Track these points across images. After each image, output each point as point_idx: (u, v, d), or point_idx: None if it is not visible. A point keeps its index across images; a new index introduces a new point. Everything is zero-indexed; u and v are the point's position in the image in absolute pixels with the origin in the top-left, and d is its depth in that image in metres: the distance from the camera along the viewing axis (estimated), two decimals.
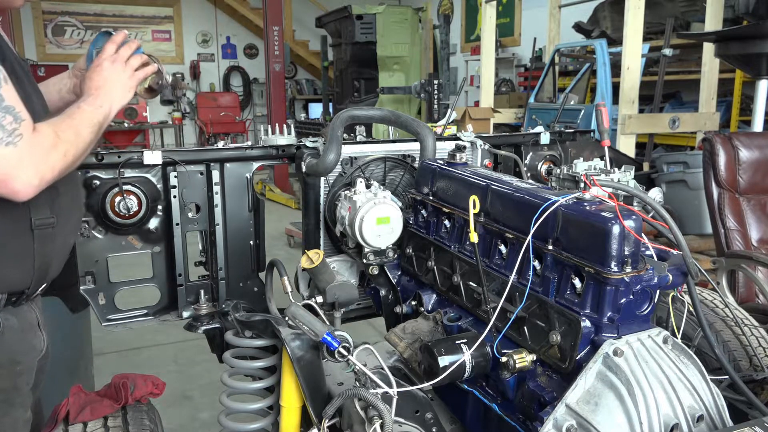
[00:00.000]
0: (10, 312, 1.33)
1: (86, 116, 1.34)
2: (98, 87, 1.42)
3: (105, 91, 1.43)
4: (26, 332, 1.38)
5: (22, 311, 1.37)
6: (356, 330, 3.51)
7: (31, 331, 1.41)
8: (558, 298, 1.26)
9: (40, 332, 1.44)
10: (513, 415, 1.34)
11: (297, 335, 1.47)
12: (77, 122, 1.32)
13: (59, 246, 1.41)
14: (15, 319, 1.34)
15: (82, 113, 1.34)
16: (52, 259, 1.39)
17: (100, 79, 1.44)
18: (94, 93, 1.41)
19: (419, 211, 1.80)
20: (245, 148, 1.95)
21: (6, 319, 1.32)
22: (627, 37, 4.85)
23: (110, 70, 1.46)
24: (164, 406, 2.29)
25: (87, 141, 1.32)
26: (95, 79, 1.44)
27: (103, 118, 1.38)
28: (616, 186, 1.35)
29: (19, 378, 1.36)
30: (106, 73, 1.46)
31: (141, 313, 1.92)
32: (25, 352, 1.38)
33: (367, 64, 8.30)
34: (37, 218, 1.31)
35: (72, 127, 1.29)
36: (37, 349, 1.42)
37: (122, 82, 1.47)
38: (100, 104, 1.39)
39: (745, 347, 1.85)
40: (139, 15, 12.57)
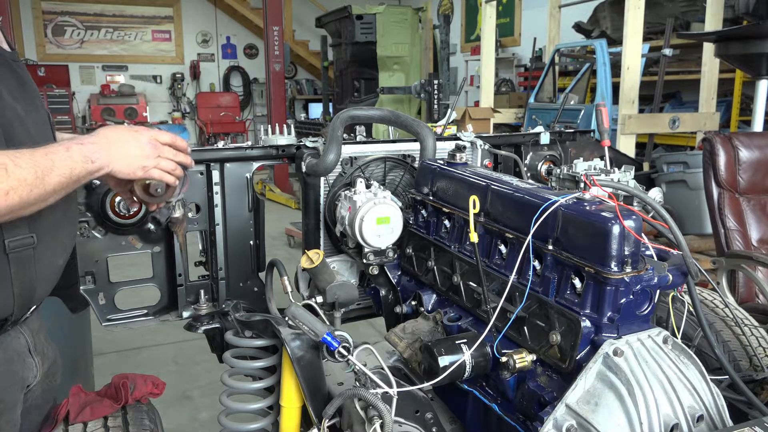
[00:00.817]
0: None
1: (65, 162, 1.11)
2: (106, 142, 1.22)
3: (110, 149, 1.22)
4: (12, 363, 1.22)
5: (7, 340, 1.21)
6: (356, 330, 3.51)
7: (18, 361, 1.24)
8: (558, 298, 1.26)
9: (31, 359, 1.28)
10: (513, 415, 1.34)
11: (297, 335, 1.47)
12: (47, 163, 1.08)
13: (45, 267, 1.22)
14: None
15: (62, 156, 1.11)
16: (35, 283, 1.21)
17: (114, 135, 1.24)
18: (96, 143, 1.19)
19: (419, 211, 1.80)
20: (245, 148, 1.95)
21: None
22: (627, 37, 4.85)
23: (133, 137, 1.27)
24: (164, 406, 2.29)
25: (49, 190, 1.08)
26: (109, 134, 1.24)
27: (84, 173, 1.15)
28: (616, 186, 1.35)
29: (1, 417, 1.20)
30: (127, 135, 1.26)
31: (141, 313, 1.92)
32: (7, 388, 1.21)
33: (367, 64, 8.30)
34: (11, 239, 1.12)
35: (36, 166, 1.05)
36: (28, 378, 1.27)
37: (137, 155, 1.26)
38: (92, 158, 1.17)
39: (745, 347, 1.85)
40: (139, 15, 12.57)
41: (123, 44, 12.57)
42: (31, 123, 1.20)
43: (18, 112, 1.16)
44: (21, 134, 1.16)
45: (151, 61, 12.79)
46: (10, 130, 1.13)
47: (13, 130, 1.14)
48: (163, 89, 12.92)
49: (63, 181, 1.11)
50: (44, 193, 1.08)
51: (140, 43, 12.69)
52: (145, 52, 12.73)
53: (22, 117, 1.17)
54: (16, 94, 1.18)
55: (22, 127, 1.17)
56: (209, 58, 13.27)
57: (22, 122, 1.17)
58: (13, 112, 1.15)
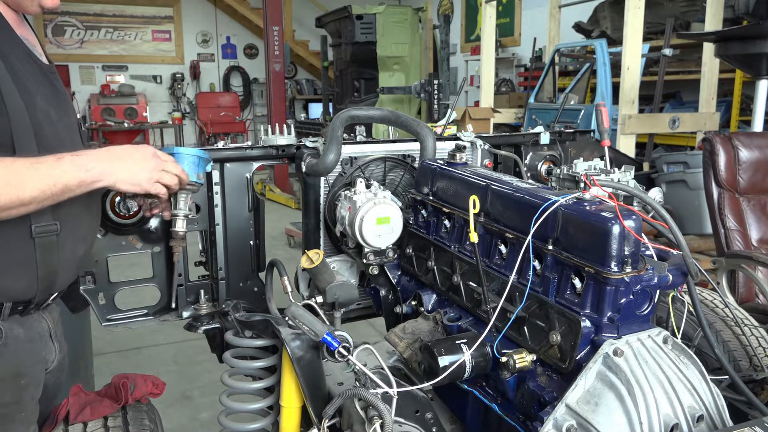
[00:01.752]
0: (16, 321, 1.26)
1: (50, 171, 1.15)
2: (107, 155, 1.25)
3: (111, 162, 1.25)
4: (34, 343, 1.31)
5: (30, 321, 1.30)
6: (356, 330, 3.51)
7: (41, 342, 1.33)
8: (558, 298, 1.26)
9: (52, 343, 1.37)
10: (513, 415, 1.34)
11: (297, 335, 1.47)
12: (27, 172, 1.13)
13: (67, 255, 1.30)
14: (21, 329, 1.26)
15: (49, 165, 1.15)
16: (58, 269, 1.29)
17: (118, 149, 1.29)
18: (95, 154, 1.23)
19: (419, 211, 1.80)
20: (245, 148, 1.95)
21: (10, 329, 1.24)
22: (627, 37, 4.85)
23: (137, 150, 1.31)
24: (164, 406, 2.29)
25: (24, 197, 1.12)
26: (112, 148, 1.28)
27: (77, 182, 1.19)
28: (616, 186, 1.35)
29: (24, 392, 1.29)
30: (131, 149, 1.30)
31: (141, 313, 1.92)
32: (31, 364, 1.30)
33: (367, 64, 8.30)
34: (37, 225, 1.21)
35: (11, 173, 1.11)
36: (48, 361, 1.36)
37: (140, 168, 1.29)
38: (87, 167, 1.20)
39: (745, 347, 1.85)
40: (139, 15, 12.57)
41: (123, 44, 12.57)
42: (62, 127, 1.30)
43: (50, 116, 1.26)
44: (51, 136, 1.25)
45: (151, 61, 12.79)
46: (41, 131, 1.22)
47: (43, 131, 1.22)
48: (163, 89, 12.92)
49: (44, 189, 1.14)
50: (16, 200, 1.12)
51: (140, 43, 12.69)
52: (145, 52, 12.73)
53: (54, 120, 1.27)
54: (50, 101, 1.27)
55: (53, 129, 1.26)
56: (209, 58, 13.27)
57: (53, 125, 1.26)
58: (45, 115, 1.24)
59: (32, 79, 1.23)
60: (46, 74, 1.31)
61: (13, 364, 1.25)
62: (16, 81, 1.18)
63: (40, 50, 1.36)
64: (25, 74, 1.22)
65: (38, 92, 1.24)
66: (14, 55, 1.21)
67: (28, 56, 1.27)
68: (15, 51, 1.23)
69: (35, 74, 1.26)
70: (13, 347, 1.25)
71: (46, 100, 1.26)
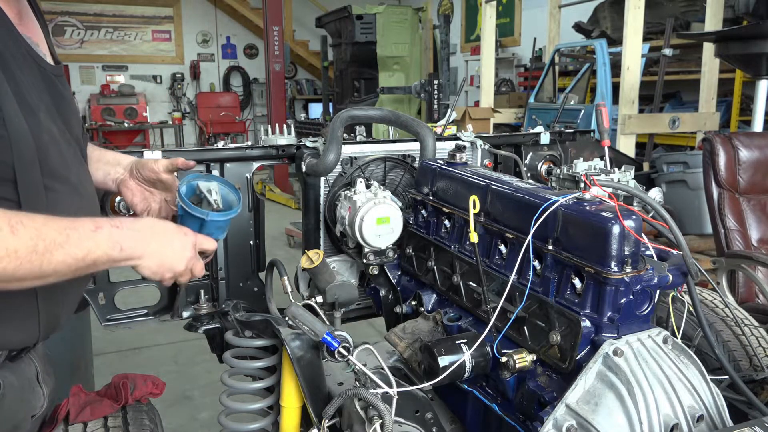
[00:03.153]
0: (8, 369, 1.12)
1: (84, 242, 1.00)
2: (149, 233, 1.12)
3: (149, 243, 1.11)
4: (25, 391, 1.18)
5: (22, 366, 1.17)
6: (356, 330, 3.51)
7: (29, 389, 1.20)
8: (558, 298, 1.26)
9: (39, 387, 1.24)
10: (513, 415, 1.34)
11: (297, 335, 1.47)
12: (57, 238, 0.96)
13: (70, 297, 1.20)
14: (13, 376, 1.13)
15: (83, 234, 1.01)
16: (61, 313, 1.18)
17: (160, 228, 1.15)
18: (137, 230, 1.10)
19: (419, 211, 1.80)
20: (245, 148, 1.95)
21: (5, 378, 1.10)
22: (627, 37, 4.85)
23: (179, 237, 1.17)
24: (164, 406, 2.29)
25: (47, 269, 0.96)
26: (157, 228, 1.14)
27: (106, 260, 1.05)
28: (616, 186, 1.35)
29: None
30: (174, 233, 1.17)
31: (141, 313, 1.92)
32: (25, 416, 1.19)
33: (367, 64, 8.30)
34: None
35: (39, 238, 0.94)
36: (35, 408, 1.24)
37: (170, 262, 1.15)
38: (124, 245, 1.06)
39: (745, 347, 1.85)
40: (139, 15, 12.58)
41: (123, 44, 12.57)
42: (66, 145, 1.16)
43: (54, 134, 1.11)
44: (56, 160, 1.10)
45: (151, 61, 12.80)
46: (46, 155, 1.07)
47: (48, 155, 1.08)
48: (163, 89, 12.93)
49: (70, 263, 0.99)
50: (38, 272, 0.95)
51: (140, 43, 12.69)
52: (145, 52, 12.73)
53: (58, 140, 1.13)
54: (53, 114, 1.13)
55: (57, 151, 1.12)
56: (209, 58, 13.27)
57: (57, 146, 1.12)
58: (50, 135, 1.10)
59: (34, 90, 1.09)
60: (50, 78, 1.16)
61: (11, 417, 1.14)
62: (18, 96, 1.03)
63: (46, 49, 1.21)
64: (26, 85, 1.07)
65: (41, 106, 1.09)
66: (15, 62, 1.06)
67: (31, 59, 1.12)
68: (16, 55, 1.07)
69: (37, 82, 1.11)
70: (10, 398, 1.12)
71: (49, 114, 1.12)
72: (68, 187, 1.15)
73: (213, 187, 1.38)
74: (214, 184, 1.39)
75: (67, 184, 1.14)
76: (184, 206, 1.29)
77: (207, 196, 1.36)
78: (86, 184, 1.24)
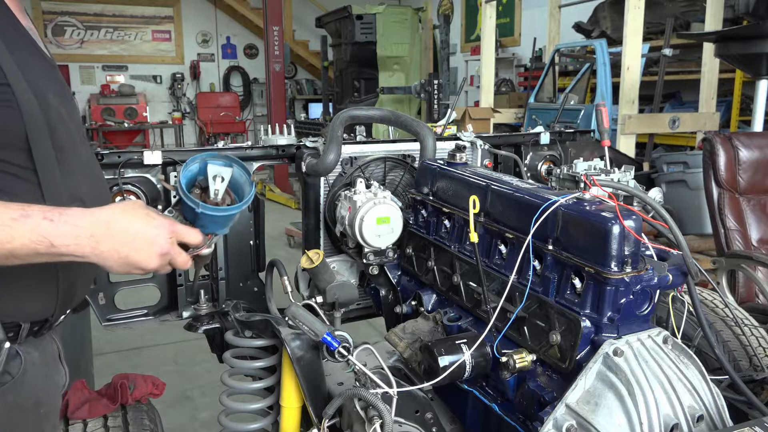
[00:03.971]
0: (31, 344, 1.11)
1: (22, 227, 0.93)
2: (92, 232, 1.00)
3: (100, 242, 1.00)
4: (49, 367, 1.18)
5: (44, 343, 1.16)
6: (356, 330, 3.51)
7: (54, 366, 1.20)
8: (558, 298, 1.26)
9: (62, 366, 1.24)
10: (513, 415, 1.34)
11: (297, 335, 1.47)
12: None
13: (85, 268, 1.13)
14: (36, 352, 1.12)
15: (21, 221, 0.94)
16: (77, 281, 1.17)
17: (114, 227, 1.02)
18: (82, 226, 0.99)
19: (419, 211, 1.80)
20: (245, 148, 1.95)
21: (28, 353, 1.09)
22: (627, 37, 4.85)
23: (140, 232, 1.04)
24: (164, 406, 2.29)
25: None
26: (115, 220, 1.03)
27: (30, 253, 0.96)
28: (616, 186, 1.35)
29: (45, 422, 1.17)
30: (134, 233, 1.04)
31: (141, 313, 1.92)
32: (48, 392, 1.17)
33: (367, 64, 8.31)
34: None
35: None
36: (60, 386, 1.23)
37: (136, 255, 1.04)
38: (52, 242, 0.96)
39: (745, 347, 1.85)
40: (139, 15, 12.57)
41: (123, 44, 12.57)
42: (73, 126, 1.17)
43: (62, 114, 1.13)
44: (64, 136, 1.11)
45: (151, 61, 12.79)
46: (55, 131, 1.08)
47: (57, 131, 1.09)
48: (163, 89, 12.92)
49: (11, 252, 0.94)
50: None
51: (140, 43, 12.69)
52: (145, 52, 12.73)
53: (66, 119, 1.13)
54: (61, 99, 1.14)
55: (65, 129, 1.13)
56: (209, 58, 13.27)
57: (65, 124, 1.13)
58: (57, 113, 1.10)
59: (43, 75, 1.11)
60: (55, 69, 1.20)
61: (33, 393, 1.12)
62: (28, 77, 1.05)
63: (43, 46, 1.26)
64: (36, 69, 1.09)
65: (50, 89, 1.11)
66: (24, 49, 1.09)
67: (36, 49, 1.15)
68: (23, 44, 1.10)
69: (45, 69, 1.14)
70: (32, 374, 1.11)
71: (58, 97, 1.13)
72: (78, 160, 1.16)
73: (224, 174, 1.24)
74: (227, 171, 1.24)
75: (76, 159, 1.15)
76: (179, 189, 1.19)
77: (210, 182, 1.23)
78: (94, 166, 1.25)
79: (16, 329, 1.08)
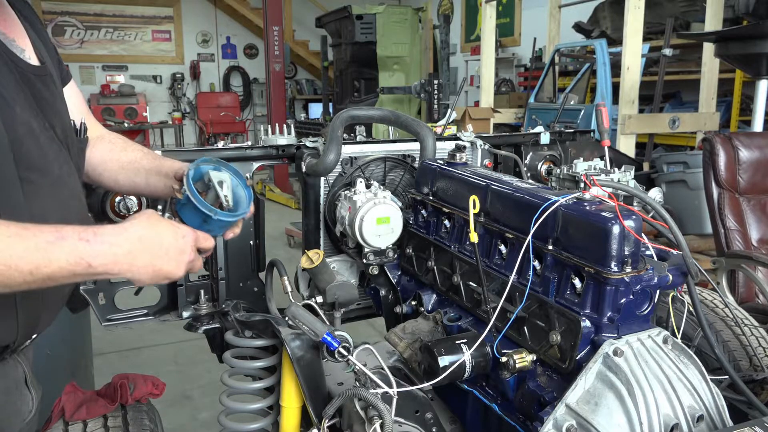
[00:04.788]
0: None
1: (34, 255, 0.90)
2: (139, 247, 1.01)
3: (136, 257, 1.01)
4: (11, 394, 1.12)
5: (6, 368, 1.11)
6: (356, 330, 3.51)
7: (17, 392, 1.14)
8: (558, 298, 1.26)
9: (27, 391, 1.17)
10: (513, 415, 1.34)
11: (297, 335, 1.47)
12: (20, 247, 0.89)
13: (51, 294, 1.10)
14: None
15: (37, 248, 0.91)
16: (42, 312, 1.12)
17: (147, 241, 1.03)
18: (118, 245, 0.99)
19: (419, 211, 1.80)
20: (245, 148, 1.95)
21: None
22: (627, 37, 4.85)
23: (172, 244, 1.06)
24: (164, 406, 2.29)
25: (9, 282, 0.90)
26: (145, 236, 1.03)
27: (67, 275, 0.95)
28: (616, 186, 1.35)
29: None
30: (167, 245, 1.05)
31: (141, 313, 1.92)
32: (9, 420, 1.11)
33: (367, 64, 8.30)
34: None
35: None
36: (23, 413, 1.16)
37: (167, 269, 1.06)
38: (90, 262, 0.95)
39: (745, 347, 1.85)
40: (139, 15, 12.58)
41: (123, 44, 12.57)
42: (47, 140, 1.11)
43: (33, 128, 1.07)
44: (34, 152, 1.06)
45: (151, 61, 12.80)
46: (20, 147, 1.03)
47: (24, 147, 1.04)
48: (163, 89, 12.92)
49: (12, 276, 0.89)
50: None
51: (140, 43, 12.69)
52: (145, 52, 12.73)
53: (36, 133, 1.08)
54: (32, 111, 1.09)
55: (35, 144, 1.07)
56: (209, 58, 13.27)
57: (35, 139, 1.07)
58: (27, 127, 1.05)
59: (9, 87, 1.04)
60: (28, 78, 1.11)
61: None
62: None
63: (28, 46, 1.17)
64: (1, 83, 1.03)
65: (17, 99, 1.04)
66: None
67: (6, 58, 1.07)
68: None
69: (12, 81, 1.06)
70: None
71: (28, 109, 1.07)
72: (49, 179, 1.09)
73: (225, 179, 1.24)
74: (226, 176, 1.25)
75: (48, 177, 1.09)
76: (192, 198, 1.16)
77: (217, 188, 1.22)
78: (70, 180, 1.18)
79: None
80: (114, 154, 1.41)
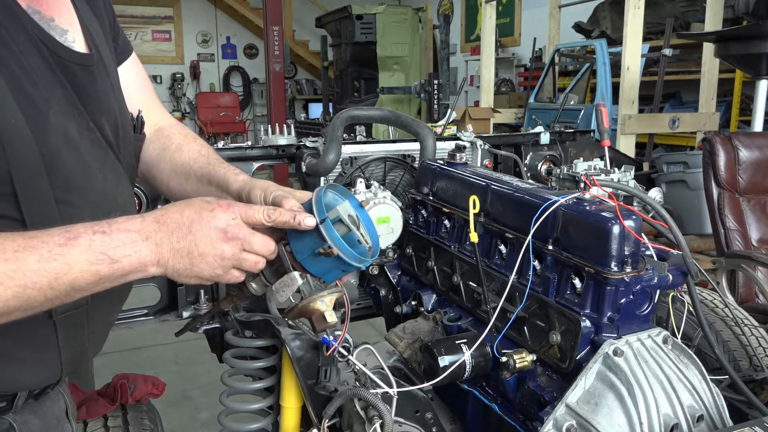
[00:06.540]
0: (30, 410, 0.95)
1: (47, 265, 0.77)
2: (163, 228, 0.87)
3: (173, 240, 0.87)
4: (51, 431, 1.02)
5: (47, 404, 1.00)
6: (356, 330, 3.51)
7: (57, 428, 1.03)
8: (558, 298, 1.26)
9: (68, 423, 1.07)
10: (513, 415, 1.34)
11: (297, 335, 1.47)
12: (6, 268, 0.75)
13: (97, 328, 1.00)
14: (36, 418, 0.96)
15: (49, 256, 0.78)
16: (89, 347, 1.00)
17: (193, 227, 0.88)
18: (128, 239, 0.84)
19: (419, 211, 1.80)
20: (245, 148, 1.95)
21: (24, 423, 0.94)
22: (627, 37, 4.85)
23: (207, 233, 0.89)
24: (164, 406, 2.29)
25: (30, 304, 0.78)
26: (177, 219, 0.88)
27: (93, 279, 0.82)
28: (616, 186, 1.35)
29: None
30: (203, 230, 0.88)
31: (141, 313, 1.92)
32: None
33: (367, 64, 8.31)
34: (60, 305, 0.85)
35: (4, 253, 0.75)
36: None
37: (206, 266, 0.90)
38: (112, 256, 0.82)
39: (745, 347, 1.85)
40: (139, 15, 12.58)
41: None
42: (89, 148, 0.95)
43: (71, 136, 0.91)
44: (71, 165, 0.90)
45: (151, 61, 12.79)
46: (55, 162, 0.87)
47: (60, 161, 0.88)
48: (163, 89, 12.92)
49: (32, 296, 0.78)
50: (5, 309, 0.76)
51: (140, 43, 12.68)
52: (145, 52, 12.72)
53: (75, 142, 0.92)
54: (72, 111, 0.92)
55: (74, 155, 0.91)
56: (209, 58, 13.27)
57: (74, 149, 0.91)
58: (64, 137, 0.89)
59: (42, 84, 0.88)
60: (69, 68, 0.93)
61: None
62: (15, 91, 0.83)
63: (73, 25, 0.97)
64: (30, 75, 0.86)
65: (51, 103, 0.88)
66: (17, 51, 0.85)
67: (39, 43, 0.89)
68: (14, 39, 0.85)
69: (46, 74, 0.89)
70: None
71: (66, 110, 0.91)
72: (90, 196, 0.94)
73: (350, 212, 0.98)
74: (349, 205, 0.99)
75: (89, 193, 0.94)
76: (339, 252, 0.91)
77: (352, 228, 0.97)
78: (117, 192, 1.01)
79: (11, 397, 0.92)
80: (168, 153, 1.21)
